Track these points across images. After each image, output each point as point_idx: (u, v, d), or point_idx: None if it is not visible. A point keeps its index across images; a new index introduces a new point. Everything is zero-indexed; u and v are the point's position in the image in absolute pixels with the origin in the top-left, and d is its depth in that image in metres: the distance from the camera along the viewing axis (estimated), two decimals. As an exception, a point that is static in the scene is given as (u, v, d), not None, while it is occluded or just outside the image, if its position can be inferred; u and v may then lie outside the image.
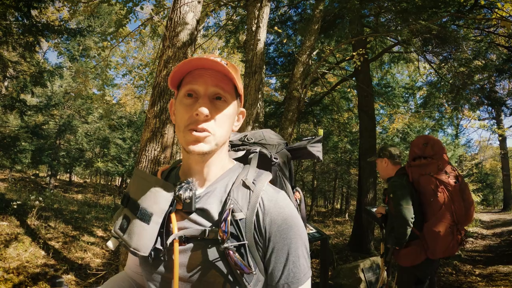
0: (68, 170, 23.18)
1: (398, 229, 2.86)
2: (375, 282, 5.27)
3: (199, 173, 0.99)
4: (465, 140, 26.82)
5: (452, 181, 2.89)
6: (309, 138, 1.39)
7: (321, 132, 1.42)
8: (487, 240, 10.39)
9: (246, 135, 1.32)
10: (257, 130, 1.38)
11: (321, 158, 1.34)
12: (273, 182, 1.13)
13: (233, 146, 1.27)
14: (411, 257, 2.95)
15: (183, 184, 0.95)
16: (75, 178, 27.38)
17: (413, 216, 2.81)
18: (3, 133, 11.07)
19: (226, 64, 0.92)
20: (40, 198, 9.38)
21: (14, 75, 10.20)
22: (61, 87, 19.38)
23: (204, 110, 0.88)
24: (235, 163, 1.09)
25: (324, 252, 4.11)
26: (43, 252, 6.21)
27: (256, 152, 1.16)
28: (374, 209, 3.74)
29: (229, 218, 0.88)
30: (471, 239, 10.24)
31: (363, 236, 9.16)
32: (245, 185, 0.96)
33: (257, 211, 0.92)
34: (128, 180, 25.44)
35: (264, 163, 1.17)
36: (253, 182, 0.97)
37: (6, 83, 12.89)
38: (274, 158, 1.19)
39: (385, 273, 3.29)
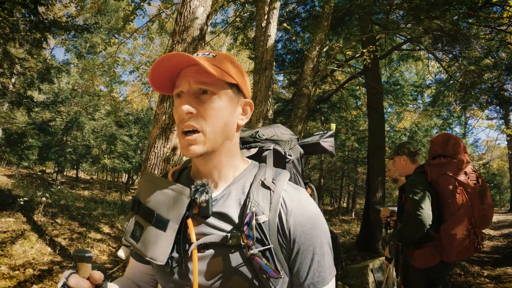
0: (75, 167, 23.34)
1: (411, 229, 2.77)
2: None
3: (210, 175, 0.94)
4: (473, 140, 26.70)
5: (472, 182, 2.79)
6: (321, 133, 1.35)
7: (333, 126, 1.40)
8: (495, 241, 10.31)
9: (258, 132, 1.27)
10: (268, 126, 1.34)
11: (334, 153, 1.32)
12: (289, 180, 1.05)
13: (245, 143, 1.22)
14: (425, 259, 2.85)
15: (198, 186, 0.89)
16: (81, 175, 27.51)
17: (431, 221, 2.72)
18: (10, 129, 11.09)
19: (215, 56, 0.89)
20: (47, 195, 9.41)
21: (21, 72, 10.23)
22: (68, 84, 19.48)
23: (184, 107, 0.85)
24: (250, 162, 1.03)
25: (333, 251, 4.05)
26: (49, 249, 6.19)
27: (270, 149, 1.12)
28: (390, 208, 3.67)
29: (254, 222, 0.83)
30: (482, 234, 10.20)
31: (371, 235, 9.10)
32: (264, 186, 0.91)
33: (280, 212, 0.87)
34: (135, 177, 25.72)
35: (278, 160, 1.12)
36: (272, 182, 0.92)
37: (13, 80, 12.95)
38: (288, 155, 1.15)
39: (390, 274, 3.21)
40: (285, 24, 8.95)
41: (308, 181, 1.32)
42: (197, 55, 0.90)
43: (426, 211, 2.70)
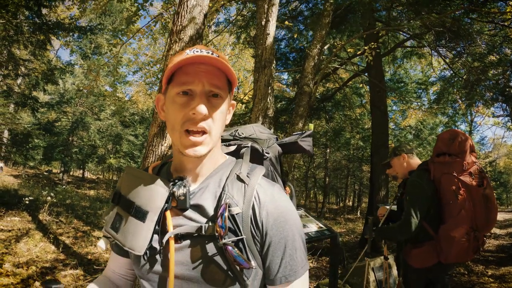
0: (81, 166, 23.50)
1: (398, 230, 2.74)
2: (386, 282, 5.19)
3: (192, 170, 0.97)
4: (479, 138, 26.48)
5: (476, 184, 2.66)
6: (299, 132, 1.39)
7: (311, 126, 1.48)
8: (500, 240, 10.22)
9: (237, 130, 1.31)
10: (247, 125, 1.37)
11: (311, 152, 1.35)
12: (265, 176, 1.10)
13: (224, 141, 1.26)
14: (422, 258, 2.78)
15: (176, 181, 0.93)
16: (87, 174, 27.69)
17: (431, 221, 2.69)
18: (16, 130, 11.19)
19: (218, 57, 0.89)
20: (52, 194, 9.48)
21: (26, 73, 10.31)
22: (73, 84, 19.60)
23: (203, 110, 0.86)
24: (227, 157, 1.06)
25: (334, 250, 4.05)
26: (53, 247, 6.26)
27: (248, 146, 1.15)
28: (387, 207, 3.64)
29: (226, 213, 0.86)
30: (484, 238, 10.10)
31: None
32: (239, 179, 0.94)
33: (253, 205, 0.90)
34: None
35: (256, 158, 1.16)
36: (247, 176, 0.95)
37: (18, 81, 13.05)
38: (266, 152, 1.18)
39: (390, 274, 3.19)
40: (287, 22, 8.94)
41: (287, 181, 1.35)
42: (201, 51, 0.90)
43: (415, 221, 2.64)
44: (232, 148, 1.19)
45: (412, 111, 15.00)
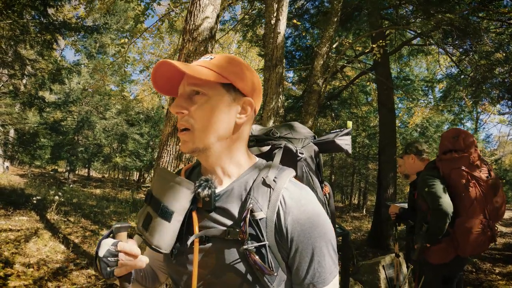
0: (87, 165, 23.54)
1: (435, 223, 2.75)
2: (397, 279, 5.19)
3: (214, 171, 1.00)
4: (485, 135, 26.43)
5: (484, 175, 2.80)
6: (337, 131, 1.33)
7: (349, 124, 1.37)
8: (507, 238, 10.20)
9: (272, 129, 1.28)
10: (284, 123, 1.34)
11: (350, 151, 1.29)
12: (299, 178, 1.11)
13: (258, 141, 1.24)
14: (440, 255, 2.84)
15: (201, 182, 0.94)
16: (93, 173, 27.74)
17: (452, 210, 2.70)
18: (22, 130, 11.22)
19: (212, 59, 0.95)
20: (60, 193, 9.50)
21: (32, 73, 10.33)
22: (79, 83, 19.63)
23: (172, 108, 0.94)
24: (257, 159, 1.07)
25: (345, 248, 4.04)
26: (62, 247, 6.26)
27: (281, 147, 1.14)
28: (398, 204, 3.66)
29: (248, 217, 0.87)
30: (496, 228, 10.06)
31: (382, 232, 9.05)
32: (265, 184, 0.94)
33: (278, 210, 0.90)
34: (146, 175, 25.90)
35: (290, 158, 1.13)
36: (274, 180, 0.94)
37: (24, 81, 13.08)
38: (300, 153, 1.14)
39: (401, 271, 3.20)
40: (294, 21, 8.92)
41: (324, 180, 1.30)
42: (201, 59, 0.98)
43: (446, 200, 2.70)
44: (266, 148, 1.19)
45: (418, 108, 14.94)
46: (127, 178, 30.54)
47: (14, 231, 6.66)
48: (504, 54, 8.37)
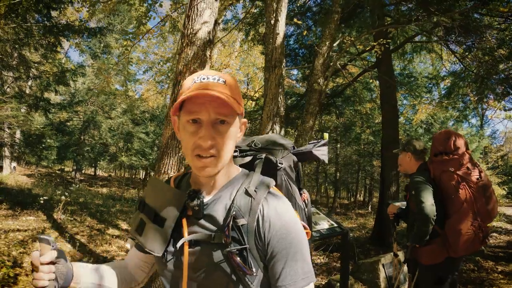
0: (93, 165, 23.73)
1: (419, 226, 2.80)
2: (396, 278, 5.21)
3: (207, 184, 1.08)
4: (490, 131, 26.19)
5: (474, 177, 2.83)
6: (314, 142, 1.45)
7: (326, 136, 1.52)
8: (511, 235, 10.11)
9: (254, 141, 1.36)
10: (264, 135, 1.43)
11: (326, 161, 1.44)
12: (279, 186, 1.23)
13: (241, 152, 1.32)
14: (432, 255, 2.89)
15: (191, 193, 1.04)
16: (99, 172, 27.90)
17: (436, 213, 2.74)
18: (28, 131, 11.32)
19: (225, 82, 0.99)
20: (66, 193, 9.60)
21: (37, 75, 10.41)
22: (84, 84, 19.75)
23: (208, 142, 0.96)
24: (240, 170, 1.16)
25: (344, 246, 4.09)
26: (69, 246, 6.35)
27: (262, 158, 1.23)
28: (397, 204, 3.68)
29: (231, 224, 0.97)
30: (495, 234, 9.91)
31: (385, 230, 9.05)
32: (247, 193, 1.03)
33: (258, 217, 0.99)
34: (152, 173, 25.97)
35: (270, 168, 1.24)
36: (255, 190, 1.03)
37: (29, 83, 13.19)
38: (280, 163, 1.26)
39: (400, 271, 3.23)
40: (295, 20, 8.92)
41: (302, 188, 1.42)
42: (207, 78, 0.99)
43: (428, 204, 2.74)
44: (248, 159, 1.28)
45: (422, 105, 14.86)
46: (133, 176, 30.72)
47: (21, 231, 6.75)
48: (507, 50, 8.33)
